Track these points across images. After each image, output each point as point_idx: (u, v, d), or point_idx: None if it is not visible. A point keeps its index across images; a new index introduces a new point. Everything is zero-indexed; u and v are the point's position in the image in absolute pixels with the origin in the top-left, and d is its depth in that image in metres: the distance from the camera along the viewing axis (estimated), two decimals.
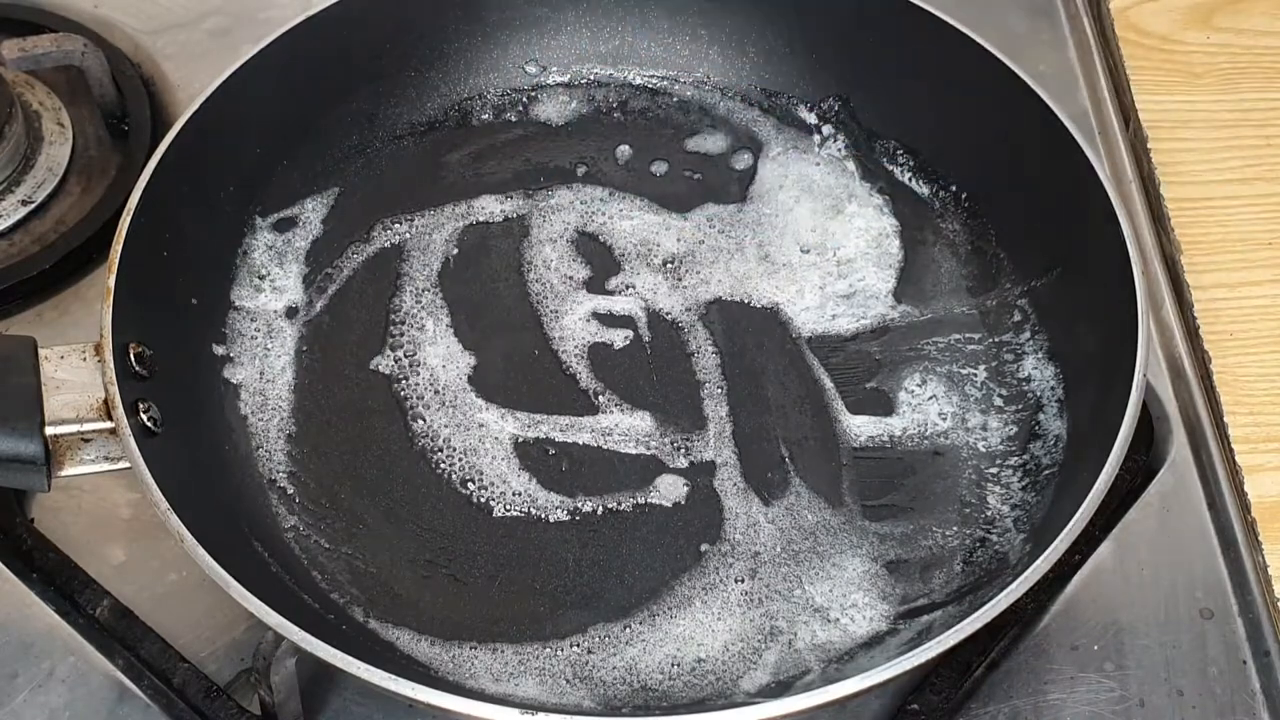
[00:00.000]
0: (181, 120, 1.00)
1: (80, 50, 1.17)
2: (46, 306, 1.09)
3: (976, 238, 1.08)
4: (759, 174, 1.12)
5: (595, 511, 0.96)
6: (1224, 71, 1.23)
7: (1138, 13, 1.26)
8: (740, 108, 1.16)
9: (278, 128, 1.07)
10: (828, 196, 1.11)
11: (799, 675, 0.88)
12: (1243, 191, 1.16)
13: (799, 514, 0.96)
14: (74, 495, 1.00)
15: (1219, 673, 0.93)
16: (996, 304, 1.05)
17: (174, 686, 0.92)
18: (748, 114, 1.15)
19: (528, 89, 1.17)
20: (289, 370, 1.01)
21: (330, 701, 0.92)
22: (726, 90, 1.17)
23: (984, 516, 0.95)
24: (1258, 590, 0.97)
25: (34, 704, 0.91)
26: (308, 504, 0.96)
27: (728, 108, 1.16)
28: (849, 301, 1.06)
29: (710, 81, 1.17)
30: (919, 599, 0.92)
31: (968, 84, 1.07)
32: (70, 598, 0.96)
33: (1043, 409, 0.99)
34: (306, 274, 1.06)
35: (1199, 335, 1.07)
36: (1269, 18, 1.26)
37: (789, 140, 1.14)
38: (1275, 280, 1.11)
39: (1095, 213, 0.97)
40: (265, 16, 1.24)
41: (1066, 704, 0.92)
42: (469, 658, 0.89)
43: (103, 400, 0.87)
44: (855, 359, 1.03)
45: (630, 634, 0.90)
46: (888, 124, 1.12)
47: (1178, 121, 1.20)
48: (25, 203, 1.13)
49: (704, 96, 1.17)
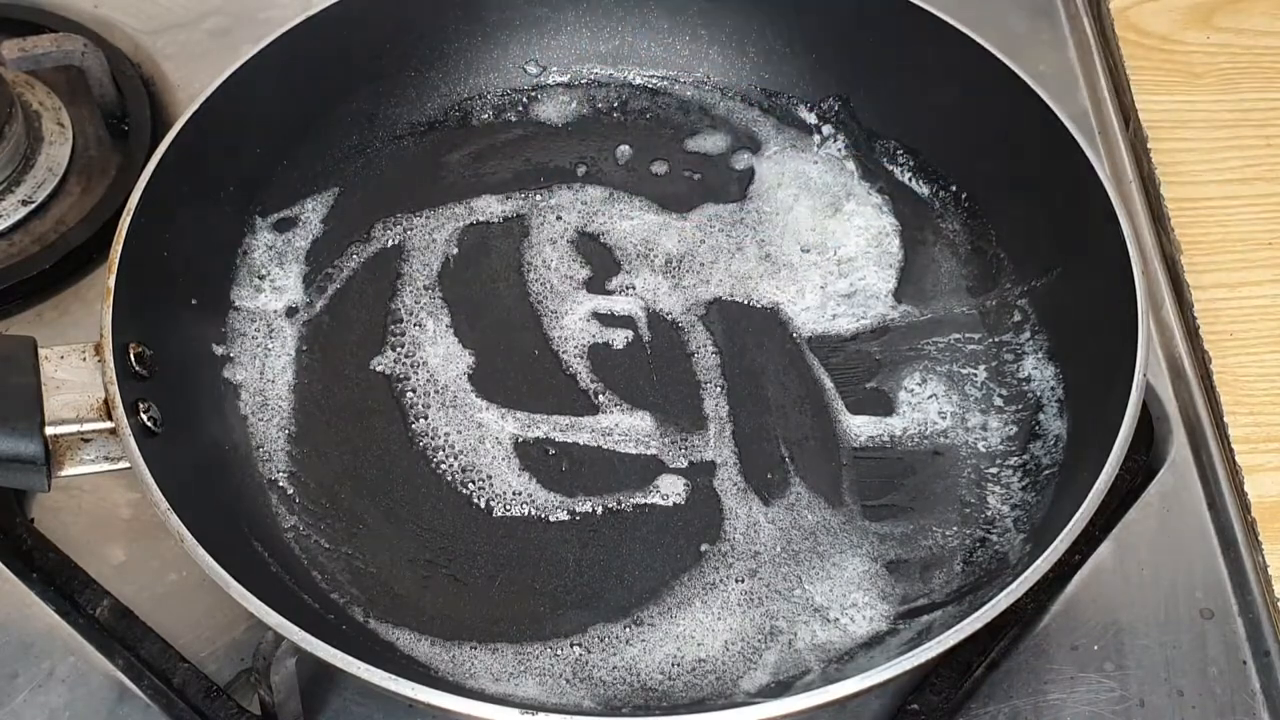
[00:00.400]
0: (181, 120, 1.00)
1: (80, 50, 1.17)
2: (46, 306, 1.09)
3: (976, 238, 1.08)
4: (757, 173, 1.12)
5: (595, 511, 0.96)
6: (1224, 71, 1.23)
7: (1138, 12, 1.26)
8: (740, 108, 1.16)
9: (278, 128, 1.07)
10: (826, 194, 1.11)
11: (799, 675, 0.88)
12: (1243, 191, 1.16)
13: (799, 514, 0.96)
14: (74, 495, 1.00)
15: (1219, 673, 0.93)
16: (996, 304, 1.05)
17: (174, 686, 0.92)
18: (748, 114, 1.15)
19: (528, 89, 1.17)
20: (289, 370, 1.01)
21: (330, 701, 0.92)
22: (726, 90, 1.17)
23: (984, 516, 0.95)
24: (1258, 590, 0.97)
25: (34, 704, 0.91)
26: (308, 504, 0.96)
27: (728, 108, 1.16)
28: (849, 301, 1.06)
29: (710, 81, 1.17)
30: (919, 599, 0.92)
31: (968, 84, 1.07)
32: (70, 598, 0.96)
33: (1043, 409, 0.99)
34: (306, 274, 1.06)
35: (1199, 335, 1.07)
36: (1269, 17, 1.26)
37: (788, 140, 1.14)
38: (1275, 280, 1.11)
39: (1095, 213, 0.97)
40: (265, 16, 1.24)
41: (1066, 704, 0.92)
42: (469, 658, 0.89)
43: (103, 400, 0.87)
44: (855, 359, 1.03)
45: (630, 634, 0.90)
46: (888, 124, 1.12)
47: (1178, 121, 1.20)
48: (25, 203, 1.13)
49: (704, 96, 1.17)
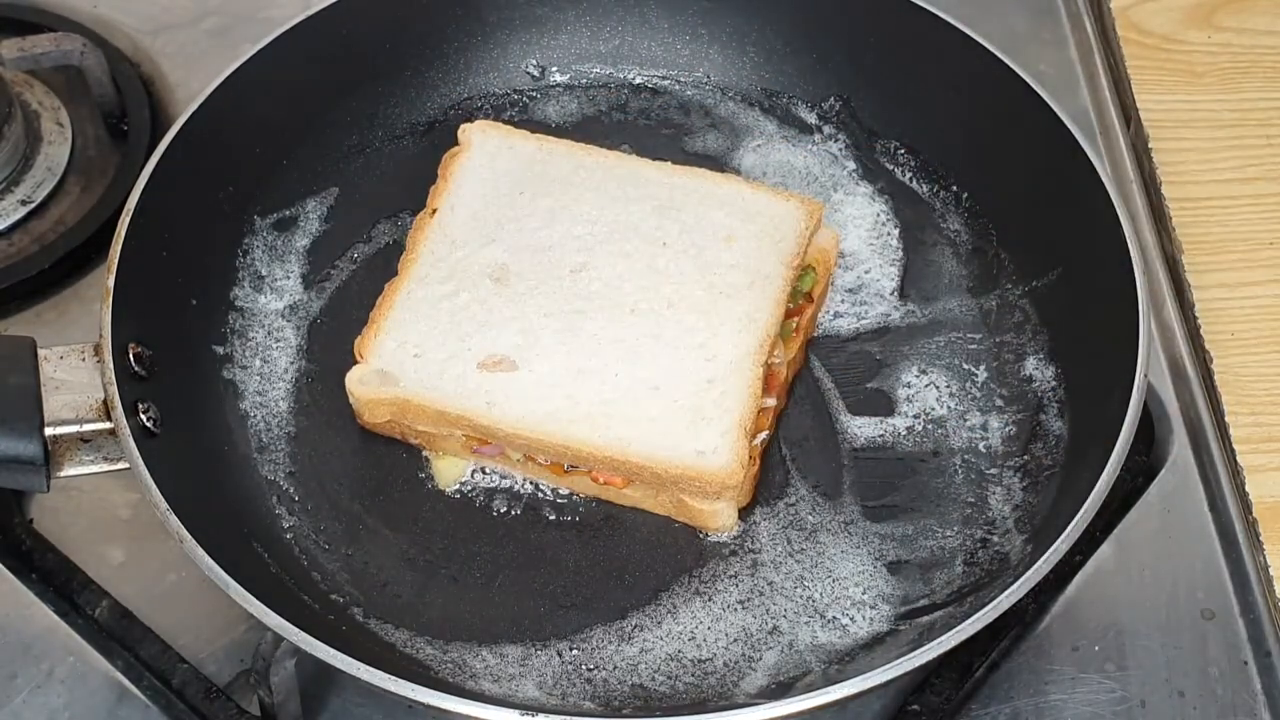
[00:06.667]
0: (181, 120, 1.00)
1: (79, 50, 1.16)
2: (46, 306, 1.09)
3: (977, 238, 1.08)
4: (743, 166, 1.12)
5: (595, 512, 0.96)
6: (1225, 71, 1.23)
7: (1139, 12, 1.26)
8: (740, 108, 1.16)
9: (278, 128, 1.07)
10: (815, 184, 1.11)
11: (799, 676, 0.88)
12: (1244, 191, 1.16)
13: (799, 514, 0.95)
14: (73, 496, 1.00)
15: (1220, 673, 0.93)
16: (997, 304, 1.05)
17: (173, 687, 0.92)
18: (748, 114, 1.15)
19: (528, 89, 1.17)
20: (289, 370, 1.01)
21: (330, 702, 0.92)
22: (726, 90, 1.16)
23: (985, 517, 0.95)
24: (1259, 591, 0.96)
25: (34, 704, 0.91)
26: (308, 504, 0.96)
27: (728, 108, 1.16)
28: (854, 296, 1.06)
29: (710, 81, 1.17)
30: (920, 599, 0.92)
31: (969, 84, 1.07)
32: (69, 598, 0.96)
33: (1044, 409, 0.99)
34: (306, 274, 1.06)
35: (1200, 335, 1.07)
36: (1270, 17, 1.26)
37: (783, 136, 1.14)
38: (1276, 280, 1.11)
39: (1096, 213, 0.97)
40: (265, 16, 1.24)
41: (1067, 705, 0.92)
42: (469, 658, 0.89)
43: (102, 401, 0.87)
44: (855, 359, 1.03)
45: (630, 635, 0.90)
46: (888, 124, 1.12)
47: (1179, 121, 1.19)
48: (24, 202, 1.13)
49: (704, 96, 1.16)
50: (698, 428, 0.92)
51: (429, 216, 1.02)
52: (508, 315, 0.97)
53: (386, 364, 0.95)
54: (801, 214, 1.01)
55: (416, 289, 0.99)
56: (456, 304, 0.98)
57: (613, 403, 0.93)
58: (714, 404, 0.93)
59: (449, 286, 0.98)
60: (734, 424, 0.92)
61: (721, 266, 0.99)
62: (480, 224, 1.01)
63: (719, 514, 0.93)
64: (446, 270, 0.99)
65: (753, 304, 0.97)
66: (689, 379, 0.94)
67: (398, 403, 0.94)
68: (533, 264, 0.99)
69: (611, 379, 0.94)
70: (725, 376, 0.94)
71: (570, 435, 0.92)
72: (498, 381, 0.94)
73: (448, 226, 1.01)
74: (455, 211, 1.02)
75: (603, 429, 0.92)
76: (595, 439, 0.91)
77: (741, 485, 0.92)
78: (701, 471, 0.90)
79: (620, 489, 0.94)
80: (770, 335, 0.96)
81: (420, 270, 0.99)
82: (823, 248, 1.03)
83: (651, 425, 0.92)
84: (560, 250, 1.00)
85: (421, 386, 0.94)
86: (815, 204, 1.02)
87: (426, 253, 1.00)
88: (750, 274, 0.98)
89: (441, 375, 0.94)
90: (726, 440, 0.91)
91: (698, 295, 0.97)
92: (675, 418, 0.92)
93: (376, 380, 0.95)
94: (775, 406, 0.97)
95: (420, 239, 1.01)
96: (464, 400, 0.93)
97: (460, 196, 1.03)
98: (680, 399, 0.93)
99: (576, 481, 0.95)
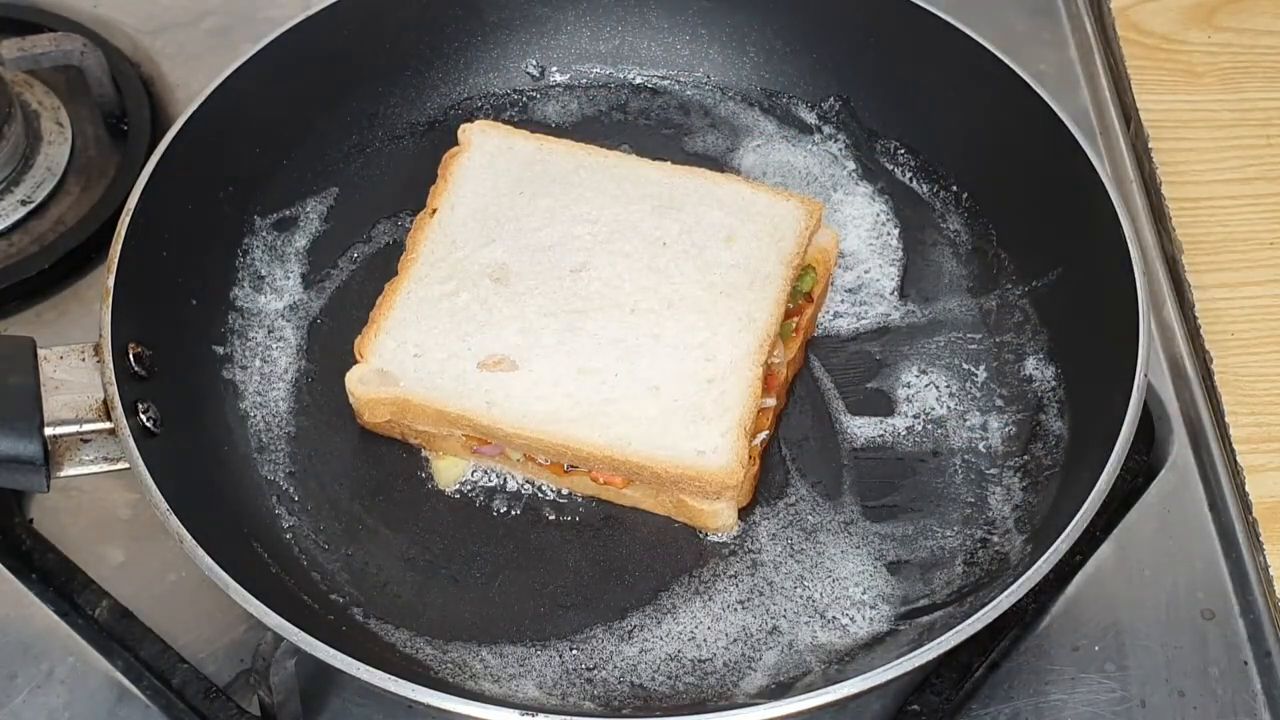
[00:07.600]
0: (181, 120, 1.00)
1: (79, 50, 1.16)
2: (46, 306, 1.09)
3: (977, 238, 1.08)
4: (742, 166, 1.12)
5: (595, 512, 0.96)
6: (1225, 71, 1.23)
7: (1139, 12, 1.26)
8: (740, 108, 1.16)
9: (278, 128, 1.07)
10: (815, 184, 1.11)
11: (799, 676, 0.88)
12: (1244, 191, 1.16)
13: (799, 514, 0.95)
14: (73, 496, 1.00)
15: (1220, 673, 0.93)
16: (997, 304, 1.05)
17: (173, 687, 0.92)
18: (748, 114, 1.15)
19: (528, 89, 1.17)
20: (289, 370, 1.01)
21: (330, 702, 0.92)
22: (726, 90, 1.16)
23: (985, 517, 0.95)
24: (1259, 591, 0.97)
25: (34, 704, 0.91)
26: (308, 504, 0.96)
27: (728, 108, 1.16)
28: (854, 296, 1.06)
29: (710, 81, 1.17)
30: (920, 599, 0.92)
31: (969, 84, 1.07)
32: (69, 598, 0.96)
33: (1044, 409, 0.99)
34: (306, 274, 1.06)
35: (1200, 335, 1.07)
36: (1270, 17, 1.26)
37: (783, 136, 1.14)
38: (1276, 280, 1.11)
39: (1096, 213, 0.97)
40: (264, 16, 1.24)
41: (1067, 705, 0.92)
42: (469, 658, 0.89)
43: (102, 401, 0.87)
44: (855, 359, 1.03)
45: (630, 635, 0.90)
46: (888, 124, 1.12)
47: (1179, 121, 1.20)
48: (24, 202, 1.13)
49: (704, 96, 1.16)
50: (698, 427, 0.92)
51: (429, 216, 1.02)
52: (508, 315, 0.97)
53: (386, 364, 0.95)
54: (801, 214, 1.01)
55: (416, 289, 0.99)
56: (456, 304, 0.98)
57: (613, 402, 0.93)
58: (714, 404, 0.93)
59: (449, 286, 0.98)
60: (734, 424, 0.92)
61: (721, 266, 0.99)
62: (480, 224, 1.02)
63: (719, 514, 0.93)
64: (446, 270, 0.99)
65: (752, 304, 0.97)
66: (689, 379, 0.94)
67: (398, 402, 0.94)
68: (533, 264, 0.99)
69: (611, 379, 0.94)
70: (725, 376, 0.94)
71: (570, 435, 0.92)
72: (498, 381, 0.94)
73: (448, 226, 1.01)
74: (455, 211, 1.02)
75: (603, 429, 0.92)
76: (595, 439, 0.91)
77: (741, 485, 0.92)
78: (701, 471, 0.90)
79: (620, 489, 0.94)
80: (770, 335, 0.96)
81: (420, 270, 0.99)
82: (823, 248, 1.03)
83: (651, 425, 0.92)
84: (560, 250, 1.00)
85: (421, 386, 0.94)
86: (815, 204, 1.02)
87: (426, 252, 1.00)
88: (750, 274, 0.98)
89: (441, 375, 0.95)
90: (726, 440, 0.91)
91: (697, 295, 0.97)
92: (675, 418, 0.92)
93: (376, 380, 0.95)
94: (775, 406, 0.98)
95: (420, 239, 1.01)
96: (464, 400, 0.93)
97: (460, 196, 1.03)
98: (680, 399, 0.93)
99: (576, 481, 0.95)
